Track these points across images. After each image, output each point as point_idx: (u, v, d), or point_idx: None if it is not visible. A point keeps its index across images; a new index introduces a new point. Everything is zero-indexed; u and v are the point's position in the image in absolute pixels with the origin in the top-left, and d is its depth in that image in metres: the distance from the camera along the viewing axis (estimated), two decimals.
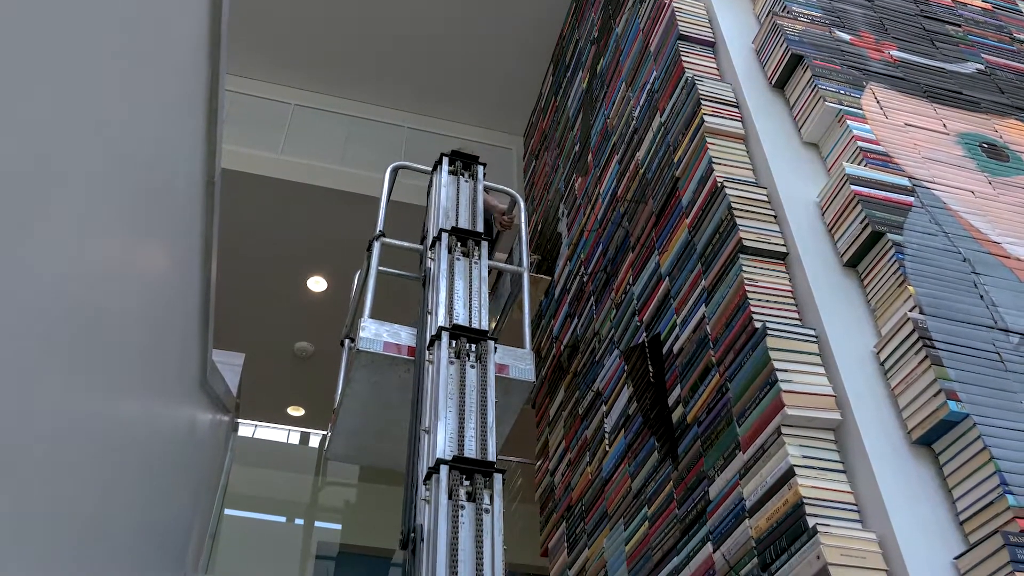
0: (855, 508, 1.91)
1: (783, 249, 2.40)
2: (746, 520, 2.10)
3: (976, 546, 1.71)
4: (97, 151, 1.67)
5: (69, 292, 1.61)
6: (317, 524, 5.28)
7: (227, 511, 4.68)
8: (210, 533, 4.12)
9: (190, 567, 3.47)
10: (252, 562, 4.73)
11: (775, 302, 2.28)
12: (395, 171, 3.73)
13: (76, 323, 1.68)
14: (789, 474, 1.95)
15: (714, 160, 2.66)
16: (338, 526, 5.32)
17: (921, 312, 2.08)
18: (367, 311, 3.10)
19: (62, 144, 1.47)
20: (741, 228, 2.40)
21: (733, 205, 2.47)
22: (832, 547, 1.78)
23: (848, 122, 2.63)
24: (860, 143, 2.56)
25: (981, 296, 2.21)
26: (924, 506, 1.85)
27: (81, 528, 1.90)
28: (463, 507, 2.21)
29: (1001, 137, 2.85)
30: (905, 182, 2.48)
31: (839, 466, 1.99)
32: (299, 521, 5.36)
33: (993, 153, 2.76)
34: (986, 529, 1.75)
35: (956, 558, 1.75)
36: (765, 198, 2.53)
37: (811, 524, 1.84)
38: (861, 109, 2.73)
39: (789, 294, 2.31)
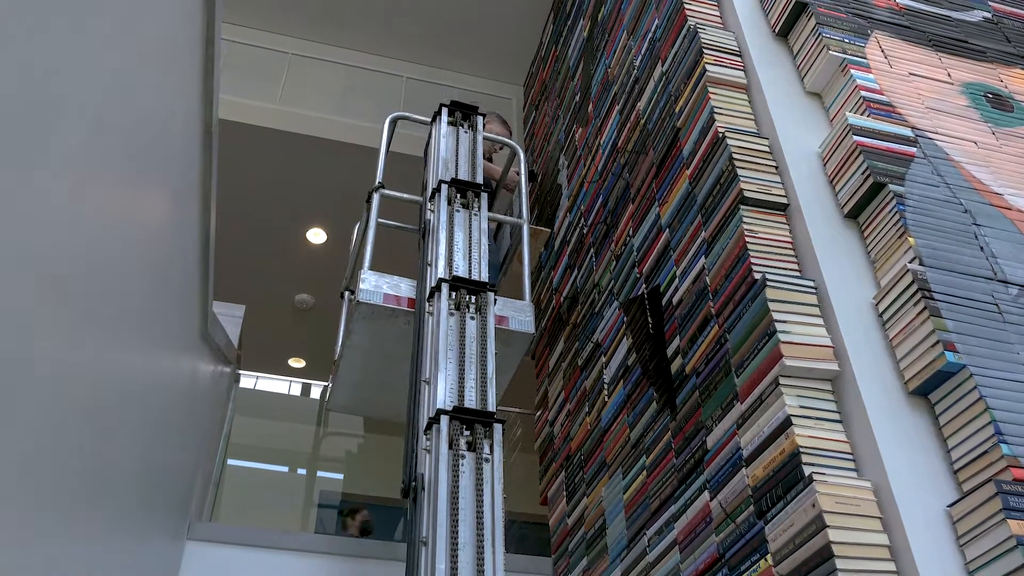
0: (851, 457, 1.94)
1: (784, 200, 2.39)
2: (743, 469, 2.12)
3: (969, 494, 1.73)
4: (92, 98, 1.66)
5: (69, 242, 1.61)
6: (319, 474, 5.35)
7: (230, 461, 4.74)
8: (213, 482, 4.18)
9: (194, 515, 3.52)
10: (255, 510, 4.80)
11: (775, 253, 2.28)
12: (394, 122, 3.70)
13: (76, 273, 1.68)
14: (786, 424, 1.97)
15: (716, 110, 2.64)
16: (340, 476, 5.39)
17: (921, 263, 2.08)
18: (367, 263, 3.11)
19: (57, 92, 1.45)
20: (742, 179, 2.39)
21: (734, 156, 2.46)
22: (827, 495, 1.80)
23: (852, 71, 2.60)
24: (863, 93, 2.54)
25: (981, 247, 2.21)
26: (919, 455, 1.87)
27: (85, 477, 1.92)
28: (463, 456, 2.24)
29: (1006, 87, 2.82)
30: (908, 132, 2.46)
31: (836, 416, 2.00)
32: (301, 471, 5.42)
33: (998, 103, 2.74)
34: (980, 478, 1.77)
35: (949, 506, 1.78)
36: (767, 149, 2.52)
37: (807, 473, 1.87)
38: (865, 58, 2.70)
39: (789, 245, 2.31)
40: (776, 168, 2.47)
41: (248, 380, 5.47)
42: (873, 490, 1.84)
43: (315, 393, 6.29)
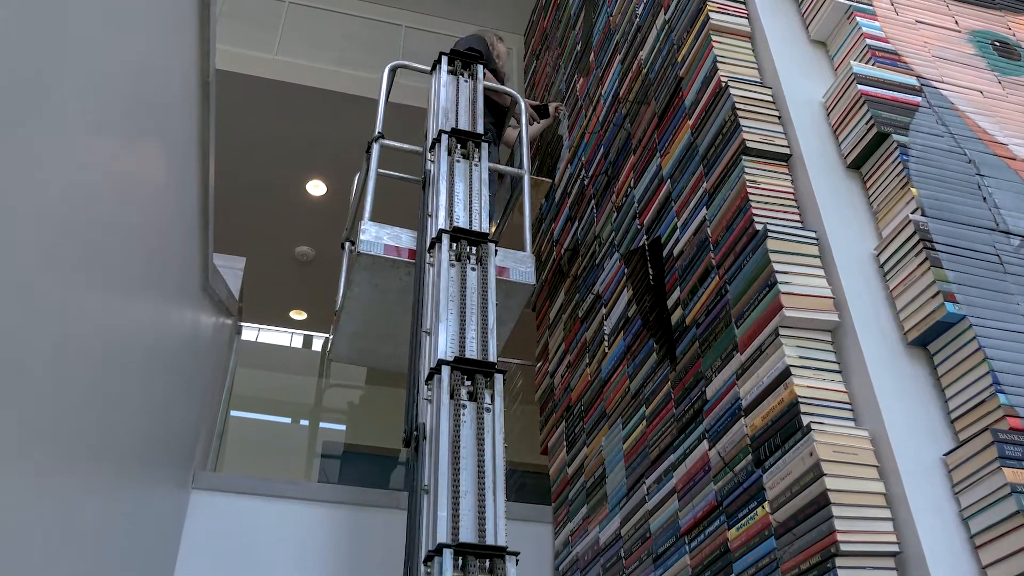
0: (849, 407, 1.95)
1: (786, 151, 2.37)
2: (742, 419, 2.14)
3: (965, 443, 1.75)
4: (88, 50, 1.64)
5: (69, 195, 1.60)
6: (322, 425, 5.39)
7: (233, 412, 4.77)
8: (217, 433, 4.21)
9: (198, 465, 3.56)
10: (259, 461, 4.85)
11: (776, 204, 2.27)
12: (393, 71, 3.66)
13: (76, 225, 1.67)
14: (785, 374, 1.98)
15: (719, 59, 2.60)
16: (342, 426, 5.43)
17: (923, 214, 2.07)
18: (367, 214, 3.09)
19: (53, 45, 1.43)
20: (744, 129, 2.37)
21: (737, 105, 2.43)
22: (825, 444, 1.82)
23: (857, 19, 2.56)
24: (869, 41, 2.50)
25: (984, 198, 2.20)
26: (916, 405, 1.89)
27: (89, 427, 1.94)
28: (464, 406, 2.25)
29: (1014, 35, 2.78)
30: (913, 81, 2.43)
31: (835, 366, 2.02)
32: (304, 422, 5.46)
33: (1004, 51, 2.70)
34: (976, 427, 1.79)
35: (945, 454, 1.80)
36: (770, 98, 2.49)
37: (805, 422, 1.89)
38: (871, 5, 2.65)
39: (791, 196, 2.30)
40: (779, 118, 2.45)
41: (250, 332, 5.49)
42: (870, 439, 1.86)
43: (317, 345, 6.32)
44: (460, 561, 1.94)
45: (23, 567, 1.55)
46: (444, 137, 3.04)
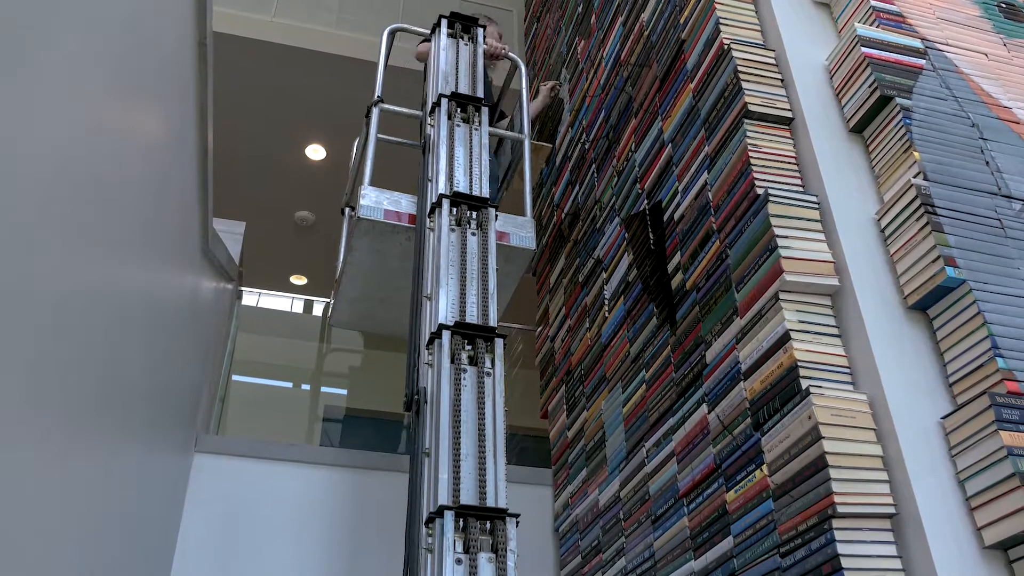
0: (848, 371, 1.96)
1: (789, 114, 2.35)
2: (741, 383, 2.15)
3: (963, 406, 1.76)
4: (83, 12, 1.62)
5: (66, 158, 1.60)
6: (323, 389, 5.42)
7: (234, 377, 4.80)
8: (219, 397, 4.24)
9: (200, 429, 3.59)
10: (261, 425, 4.88)
11: (778, 168, 2.26)
12: (392, 34, 3.62)
13: (75, 188, 1.67)
14: (785, 338, 1.99)
15: (721, 21, 2.57)
16: (344, 391, 5.46)
17: (925, 178, 2.06)
18: (367, 179, 3.08)
19: (47, 6, 1.42)
20: (747, 92, 2.35)
21: (739, 68, 2.41)
22: (823, 407, 1.83)
23: None
24: (873, 3, 2.47)
25: (987, 162, 2.19)
26: (915, 369, 1.89)
27: (91, 390, 1.95)
28: (465, 370, 2.27)
29: None
30: (917, 44, 2.41)
31: (834, 331, 2.02)
32: (305, 387, 5.49)
33: (1011, 13, 2.67)
34: (974, 391, 1.80)
35: (943, 418, 1.81)
36: (772, 61, 2.47)
37: (804, 386, 1.89)
38: None
39: (793, 160, 2.29)
40: (782, 81, 2.43)
41: (250, 297, 5.50)
42: (869, 403, 1.87)
43: (317, 310, 6.34)
44: (461, 523, 1.97)
45: (26, 529, 1.57)
46: (444, 101, 3.02)
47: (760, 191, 2.19)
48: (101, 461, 2.10)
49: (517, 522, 2.01)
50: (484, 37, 3.43)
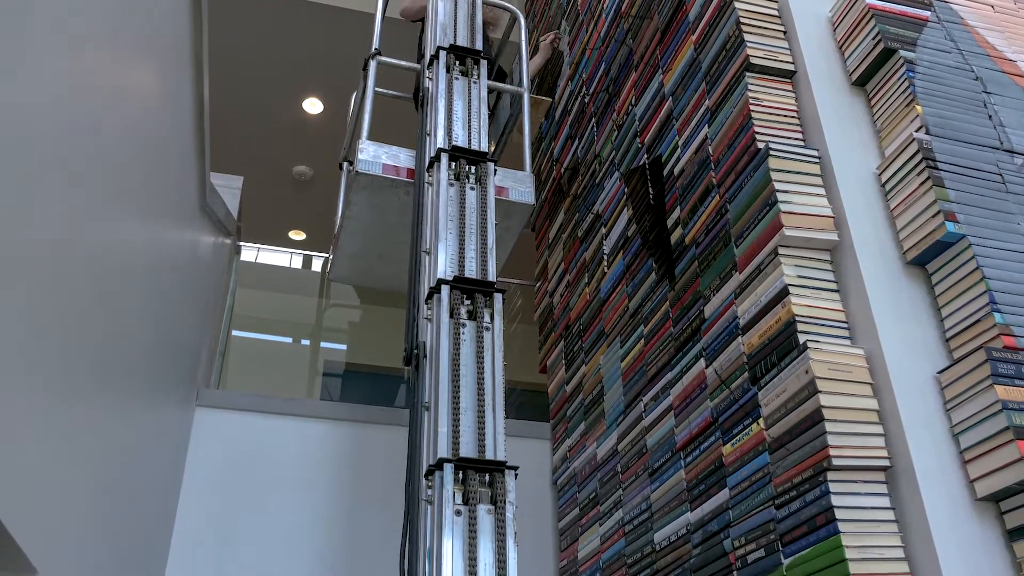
0: (845, 325, 1.97)
1: (791, 67, 2.33)
2: (739, 337, 2.16)
3: (959, 361, 1.77)
4: None
5: (62, 112, 1.58)
6: (323, 344, 5.44)
7: (235, 332, 4.81)
8: (219, 352, 4.26)
9: (201, 383, 3.61)
10: (261, 379, 4.91)
11: (779, 122, 2.24)
12: None
13: (71, 143, 1.65)
14: (783, 293, 1.99)
15: None
16: (343, 346, 5.48)
17: (927, 132, 2.05)
18: (364, 133, 3.06)
19: None
20: (749, 45, 2.32)
21: (741, 20, 2.38)
22: (820, 362, 1.84)
23: None
24: None
25: (990, 116, 2.17)
26: (912, 324, 1.90)
27: (92, 344, 1.95)
28: (464, 325, 2.27)
29: None
30: None
31: (833, 286, 2.02)
32: (305, 342, 5.51)
33: None
34: (971, 346, 1.81)
35: (939, 372, 1.82)
36: (775, 13, 2.43)
37: (802, 341, 1.90)
38: None
39: (794, 114, 2.27)
40: (784, 33, 2.40)
41: (249, 253, 5.49)
42: (865, 357, 1.88)
43: (316, 265, 6.33)
44: (460, 475, 1.99)
45: (30, 485, 1.59)
46: (442, 54, 2.98)
47: (761, 145, 2.17)
48: (103, 415, 2.12)
49: (516, 474, 2.03)
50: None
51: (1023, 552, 1.63)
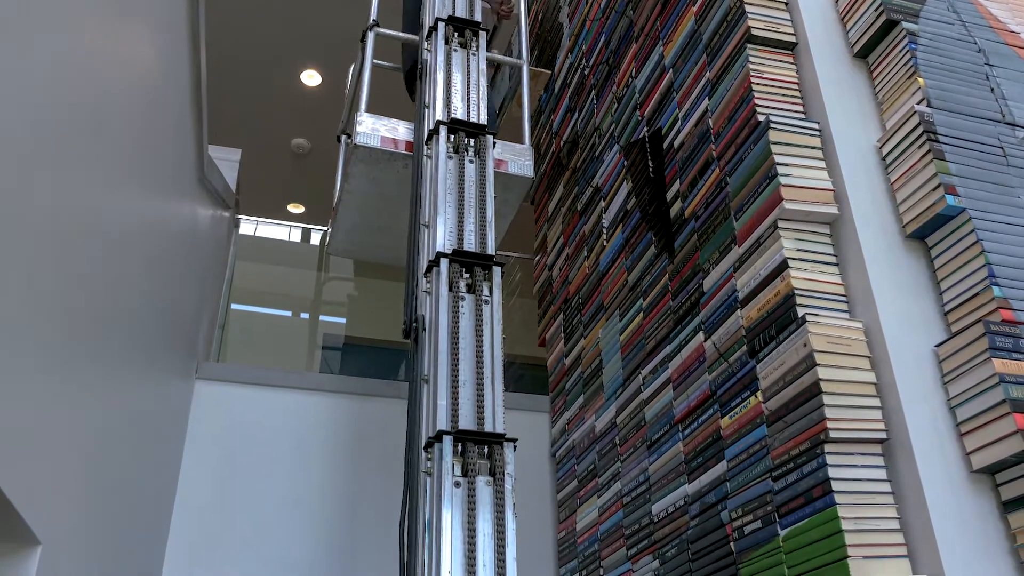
0: (844, 299, 1.97)
1: (792, 39, 2.31)
2: (738, 311, 2.16)
3: (958, 334, 1.77)
4: None
5: (59, 84, 1.57)
6: (322, 318, 5.44)
7: (234, 306, 4.81)
8: (219, 325, 4.26)
9: (201, 356, 3.62)
10: (261, 352, 4.92)
11: (780, 95, 2.23)
12: None
13: (68, 115, 1.64)
14: (783, 266, 1.99)
15: None
16: (343, 320, 5.49)
17: (929, 105, 2.04)
18: (363, 105, 3.04)
19: None
20: (750, 16, 2.30)
21: None
22: (819, 335, 1.84)
23: None
24: None
25: (992, 89, 2.16)
26: (911, 297, 1.90)
27: (90, 316, 1.96)
28: (463, 298, 2.27)
29: None
30: None
31: (832, 259, 2.02)
32: (304, 315, 5.52)
33: None
34: (969, 319, 1.81)
35: (937, 345, 1.82)
36: None
37: (800, 314, 1.91)
38: None
39: (795, 86, 2.26)
40: (785, 5, 2.37)
41: (248, 226, 5.48)
42: (864, 330, 1.88)
43: (315, 239, 6.32)
44: (459, 447, 2.00)
45: (30, 456, 1.59)
46: (441, 25, 2.95)
47: (761, 118, 2.16)
48: (103, 387, 2.13)
49: (515, 447, 2.04)
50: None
51: (1018, 523, 1.64)
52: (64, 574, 1.84)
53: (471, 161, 2.59)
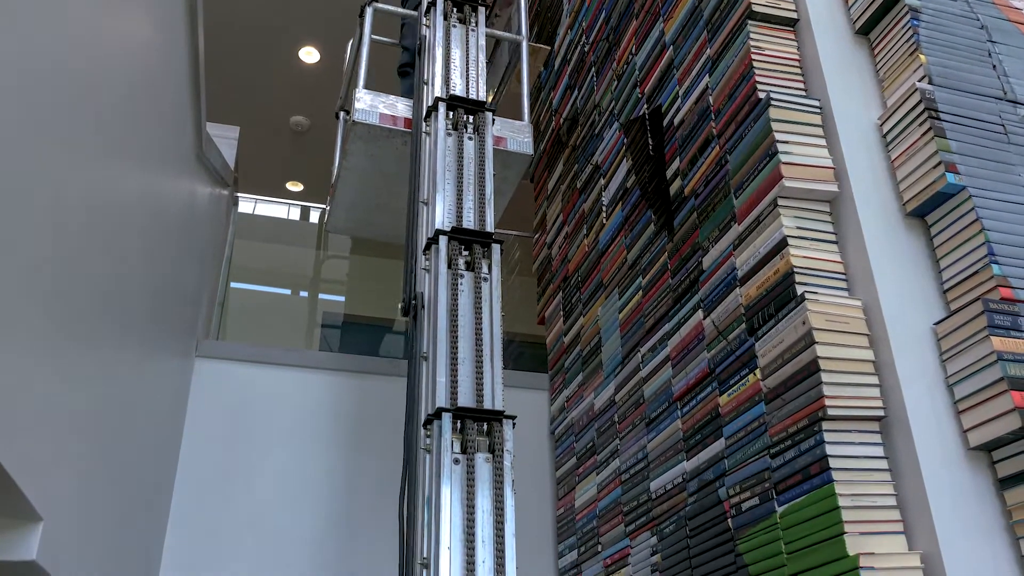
0: (843, 277, 1.97)
1: (793, 15, 2.29)
2: (737, 289, 2.16)
3: (956, 312, 1.77)
4: None
5: (55, 60, 1.56)
6: (321, 296, 5.44)
7: (233, 284, 4.81)
8: (218, 303, 4.26)
9: (201, 334, 3.62)
10: (261, 330, 4.93)
11: (781, 72, 2.22)
12: None
13: (65, 92, 1.63)
14: (782, 244, 1.99)
15: None
16: (342, 298, 5.49)
17: (930, 82, 2.02)
18: (361, 82, 3.03)
19: None
20: None
21: None
22: (817, 313, 1.85)
23: None
24: None
25: (994, 66, 2.15)
26: (910, 276, 1.90)
27: (89, 294, 1.95)
28: (462, 276, 2.27)
29: None
30: None
31: (832, 237, 2.02)
32: (303, 293, 5.52)
33: None
34: (968, 297, 1.81)
35: (936, 323, 1.82)
36: None
37: (799, 292, 1.91)
38: None
39: (796, 63, 2.24)
40: None
41: (247, 205, 5.47)
42: (863, 308, 1.88)
43: (314, 217, 6.31)
44: (458, 424, 2.01)
45: (31, 434, 1.60)
46: (440, 1, 2.93)
47: (762, 95, 2.15)
48: (103, 364, 2.13)
49: (513, 424, 2.05)
50: None
51: (1013, 500, 1.65)
52: (66, 550, 1.85)
53: (470, 138, 2.58)
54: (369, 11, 3.20)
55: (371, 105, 2.95)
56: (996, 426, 1.64)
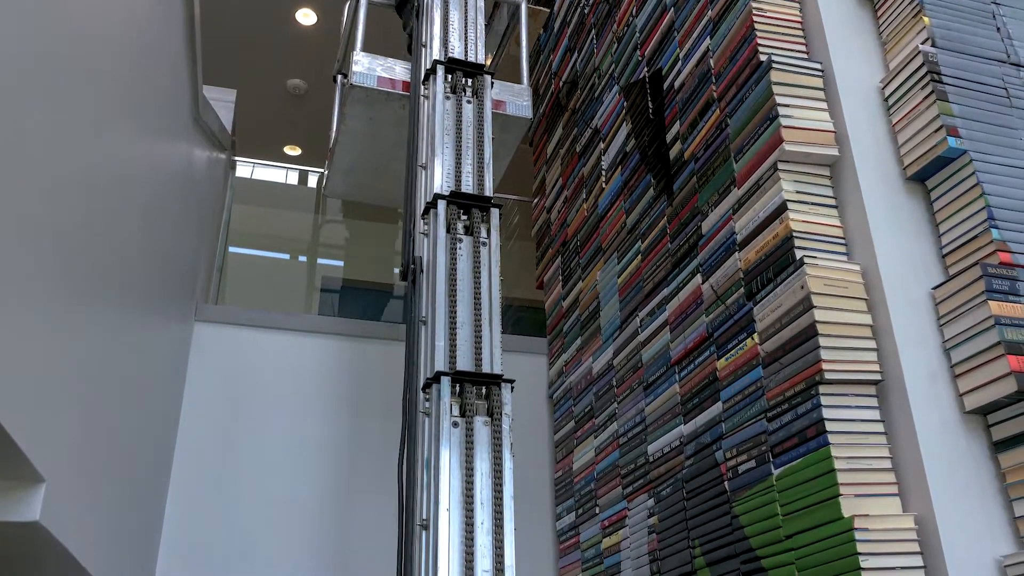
0: (843, 241, 1.97)
1: None
2: (736, 253, 2.16)
3: (955, 277, 1.77)
4: None
5: (48, 25, 1.54)
6: (320, 261, 5.44)
7: (232, 249, 4.81)
8: (217, 267, 4.26)
9: (200, 298, 3.63)
10: (260, 295, 4.93)
11: (783, 34, 2.19)
12: None
13: (60, 55, 1.62)
14: (782, 208, 1.98)
15: None
16: (340, 263, 5.49)
17: (933, 45, 2.00)
18: (359, 44, 2.99)
19: None
20: None
21: None
22: (816, 277, 1.85)
23: None
24: None
25: (998, 28, 2.13)
26: (910, 240, 1.90)
27: (91, 261, 1.95)
28: (461, 240, 2.27)
29: None
30: None
31: (832, 201, 2.01)
32: (302, 258, 5.52)
33: None
34: (967, 262, 1.81)
35: (934, 288, 1.83)
36: None
37: (798, 256, 1.90)
38: None
39: (798, 25, 2.22)
40: None
41: (244, 169, 5.44)
42: (862, 273, 1.88)
43: (312, 181, 6.28)
44: (457, 388, 2.02)
45: (32, 399, 1.61)
46: None
47: (763, 58, 2.13)
48: (103, 328, 2.13)
49: (512, 388, 2.06)
50: None
51: (1008, 463, 1.66)
52: (69, 511, 1.86)
53: (468, 101, 2.56)
54: None
55: (369, 68, 2.92)
56: (992, 390, 1.65)
